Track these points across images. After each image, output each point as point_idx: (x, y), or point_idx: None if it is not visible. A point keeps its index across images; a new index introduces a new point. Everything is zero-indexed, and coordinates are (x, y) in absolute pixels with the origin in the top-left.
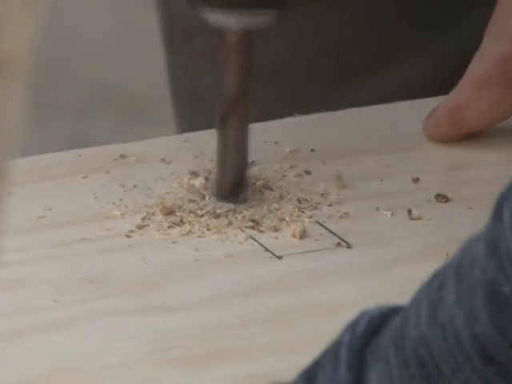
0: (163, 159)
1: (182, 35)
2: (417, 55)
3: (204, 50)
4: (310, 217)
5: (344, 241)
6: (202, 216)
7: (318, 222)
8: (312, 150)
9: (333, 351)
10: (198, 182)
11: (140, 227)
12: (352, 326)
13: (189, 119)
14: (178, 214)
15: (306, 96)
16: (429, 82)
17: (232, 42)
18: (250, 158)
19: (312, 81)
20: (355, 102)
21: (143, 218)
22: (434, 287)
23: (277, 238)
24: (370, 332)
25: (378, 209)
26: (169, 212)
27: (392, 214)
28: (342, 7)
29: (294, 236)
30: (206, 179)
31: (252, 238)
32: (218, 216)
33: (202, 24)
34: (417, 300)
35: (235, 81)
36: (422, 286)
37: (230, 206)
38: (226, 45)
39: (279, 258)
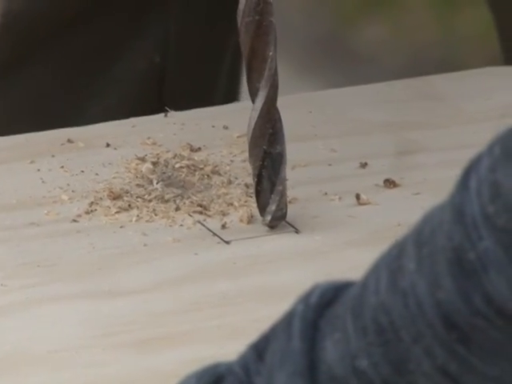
0: (110, 144)
1: None
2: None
3: None
4: None
5: (292, 226)
6: (149, 201)
7: None
8: None
9: (285, 322)
10: (146, 167)
11: (88, 212)
12: (305, 298)
13: None
14: (125, 198)
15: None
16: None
17: None
18: (198, 144)
19: None
20: None
21: (91, 203)
22: (393, 255)
23: (225, 222)
24: (324, 303)
25: (326, 194)
26: (116, 197)
27: (340, 199)
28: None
29: (241, 221)
30: (154, 164)
31: (200, 222)
32: (165, 201)
33: None
34: (376, 268)
35: None
36: (381, 256)
37: (178, 191)
38: None
39: (227, 242)
